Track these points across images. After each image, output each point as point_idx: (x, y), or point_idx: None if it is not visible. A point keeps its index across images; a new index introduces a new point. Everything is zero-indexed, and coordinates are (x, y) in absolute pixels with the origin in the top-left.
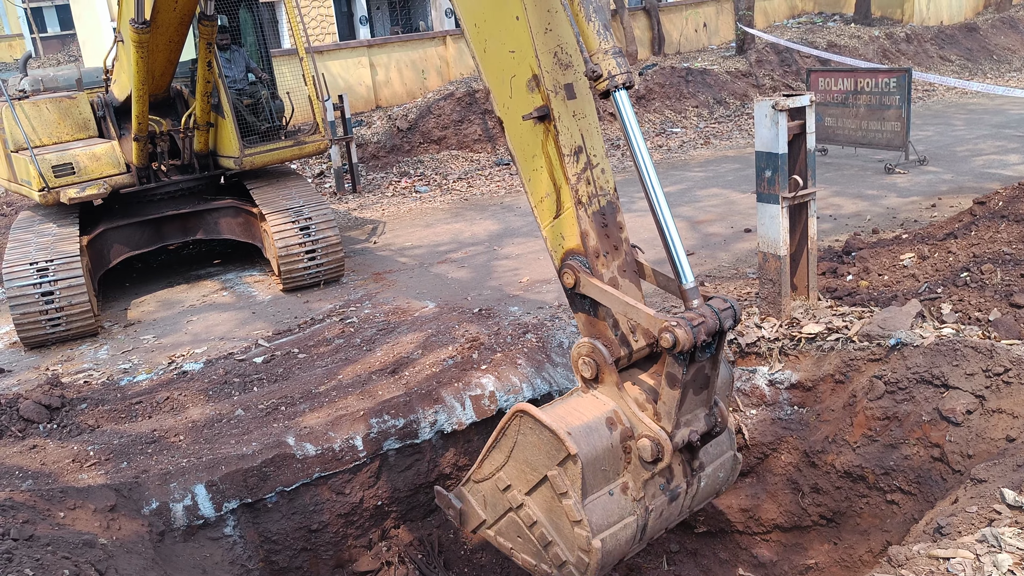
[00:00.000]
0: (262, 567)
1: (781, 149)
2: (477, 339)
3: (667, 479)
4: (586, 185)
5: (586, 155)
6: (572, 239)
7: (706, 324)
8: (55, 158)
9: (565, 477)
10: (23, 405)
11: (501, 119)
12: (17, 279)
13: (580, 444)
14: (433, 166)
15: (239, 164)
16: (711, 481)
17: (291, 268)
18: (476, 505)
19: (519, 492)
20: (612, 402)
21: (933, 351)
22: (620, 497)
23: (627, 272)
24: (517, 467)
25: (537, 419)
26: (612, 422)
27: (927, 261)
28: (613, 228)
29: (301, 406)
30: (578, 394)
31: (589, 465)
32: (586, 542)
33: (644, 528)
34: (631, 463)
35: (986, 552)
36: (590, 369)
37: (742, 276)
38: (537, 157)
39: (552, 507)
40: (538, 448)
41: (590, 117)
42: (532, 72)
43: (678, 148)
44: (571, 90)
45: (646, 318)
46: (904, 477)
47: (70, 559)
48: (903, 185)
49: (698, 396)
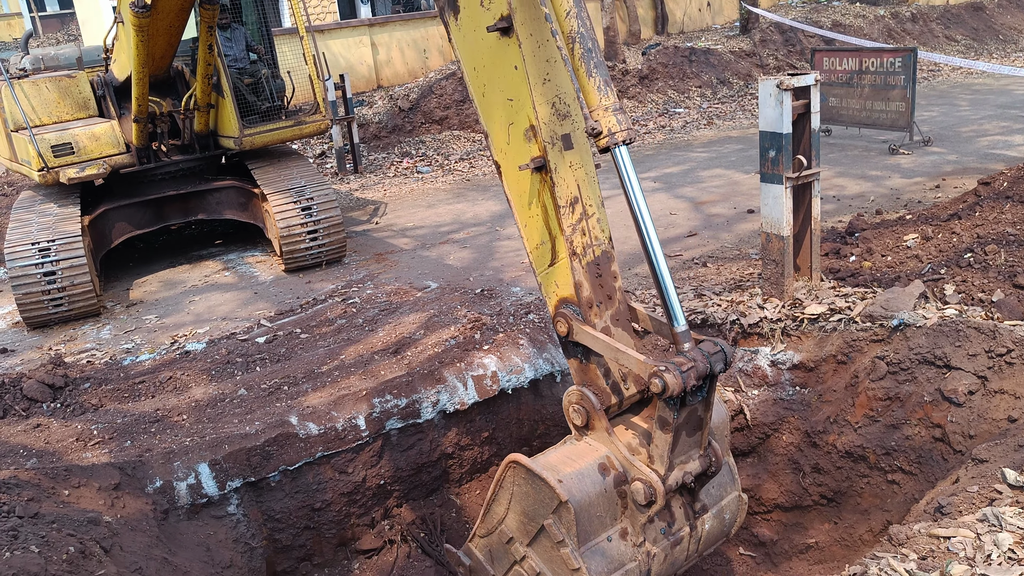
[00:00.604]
0: (265, 545)
1: (785, 129)
2: (479, 319)
3: (668, 523)
4: (581, 236)
5: (582, 205)
6: (566, 288)
7: (696, 369)
8: (54, 138)
9: (560, 525)
10: (27, 384)
11: (498, 163)
12: (19, 259)
13: (572, 491)
14: (435, 146)
15: (239, 144)
16: (717, 523)
17: (293, 248)
18: (484, 560)
19: (521, 545)
20: (604, 448)
21: (936, 332)
22: (619, 543)
23: (620, 321)
24: (517, 518)
25: (529, 469)
26: (605, 468)
27: (931, 242)
28: (607, 277)
29: (304, 386)
30: (571, 441)
31: (583, 511)
32: None
33: (648, 574)
34: (628, 508)
35: (987, 531)
36: (580, 417)
37: (744, 257)
38: (533, 205)
39: (552, 556)
40: (533, 498)
41: (587, 167)
42: (530, 122)
43: (681, 128)
44: (568, 140)
45: (636, 364)
46: (905, 457)
47: (75, 536)
48: (907, 166)
49: (691, 438)
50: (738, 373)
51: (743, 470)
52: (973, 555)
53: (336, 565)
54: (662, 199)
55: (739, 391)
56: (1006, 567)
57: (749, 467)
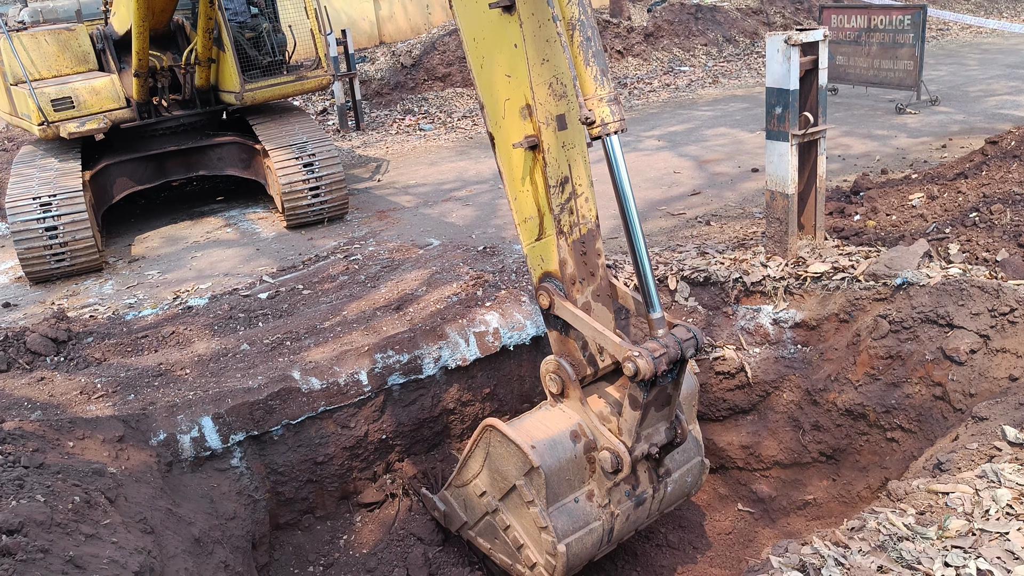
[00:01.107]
0: (268, 498)
1: (792, 85)
2: (481, 277)
3: (632, 485)
4: (568, 215)
5: (571, 185)
6: (551, 263)
7: (668, 354)
8: (54, 92)
9: (531, 487)
10: (30, 338)
11: (492, 135)
12: (20, 214)
13: (544, 457)
14: (438, 104)
15: (240, 99)
16: (679, 486)
17: (295, 205)
18: (458, 508)
19: (493, 498)
20: (577, 416)
21: (939, 291)
22: (585, 504)
23: (600, 296)
24: (490, 476)
25: (504, 433)
26: (576, 435)
27: (936, 201)
28: (591, 255)
29: (306, 341)
30: (546, 407)
31: (553, 476)
32: (552, 547)
33: (611, 531)
34: (595, 472)
35: (985, 487)
36: (556, 385)
37: (748, 216)
38: (525, 181)
39: (522, 513)
40: (507, 460)
41: (579, 147)
42: (526, 101)
43: (686, 87)
44: (562, 121)
45: (612, 346)
46: (905, 415)
47: (80, 486)
48: (914, 125)
49: (660, 412)
50: (740, 331)
51: (743, 427)
52: (971, 510)
53: (338, 518)
54: (666, 157)
55: (740, 349)
56: (1004, 522)
57: (749, 425)
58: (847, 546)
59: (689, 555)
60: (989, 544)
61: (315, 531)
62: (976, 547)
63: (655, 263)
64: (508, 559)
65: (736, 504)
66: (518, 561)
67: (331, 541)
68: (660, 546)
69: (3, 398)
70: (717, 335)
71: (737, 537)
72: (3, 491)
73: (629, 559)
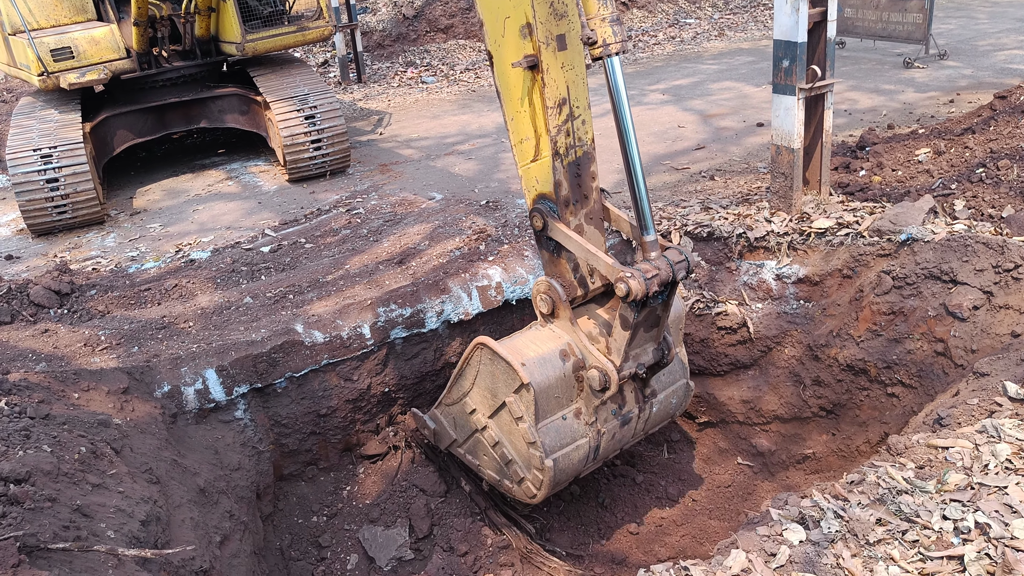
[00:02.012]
0: (272, 449)
1: (800, 37)
2: (484, 231)
3: (619, 405)
4: (565, 137)
5: (569, 107)
6: (545, 184)
7: (659, 276)
8: (53, 42)
9: (520, 403)
10: (33, 290)
11: (491, 53)
12: (21, 165)
13: (534, 374)
14: (440, 56)
15: (241, 50)
16: (664, 407)
17: (297, 158)
18: (447, 426)
19: (483, 415)
20: (566, 335)
21: (943, 247)
22: (573, 421)
23: (593, 219)
24: (480, 393)
25: (495, 351)
26: (565, 354)
27: (943, 156)
28: (586, 177)
29: (309, 295)
30: (536, 327)
31: (542, 393)
32: (540, 462)
33: (597, 449)
34: (583, 391)
35: (985, 442)
36: (547, 305)
37: (753, 170)
38: (522, 101)
39: (511, 429)
40: (497, 377)
41: (578, 68)
42: (526, 19)
43: (691, 40)
44: (563, 41)
45: (605, 267)
46: (906, 371)
47: (86, 437)
48: (921, 80)
49: (648, 333)
50: (742, 287)
51: (744, 382)
52: (970, 465)
53: (342, 469)
54: (671, 111)
55: (743, 304)
56: (1003, 476)
57: (750, 379)
58: (846, 499)
59: (688, 508)
60: (987, 498)
61: (319, 482)
62: (975, 501)
63: (659, 218)
64: (496, 475)
65: (736, 458)
66: (506, 476)
67: (334, 492)
68: (660, 499)
69: (8, 350)
70: (720, 290)
71: (736, 490)
72: (10, 441)
73: (629, 511)
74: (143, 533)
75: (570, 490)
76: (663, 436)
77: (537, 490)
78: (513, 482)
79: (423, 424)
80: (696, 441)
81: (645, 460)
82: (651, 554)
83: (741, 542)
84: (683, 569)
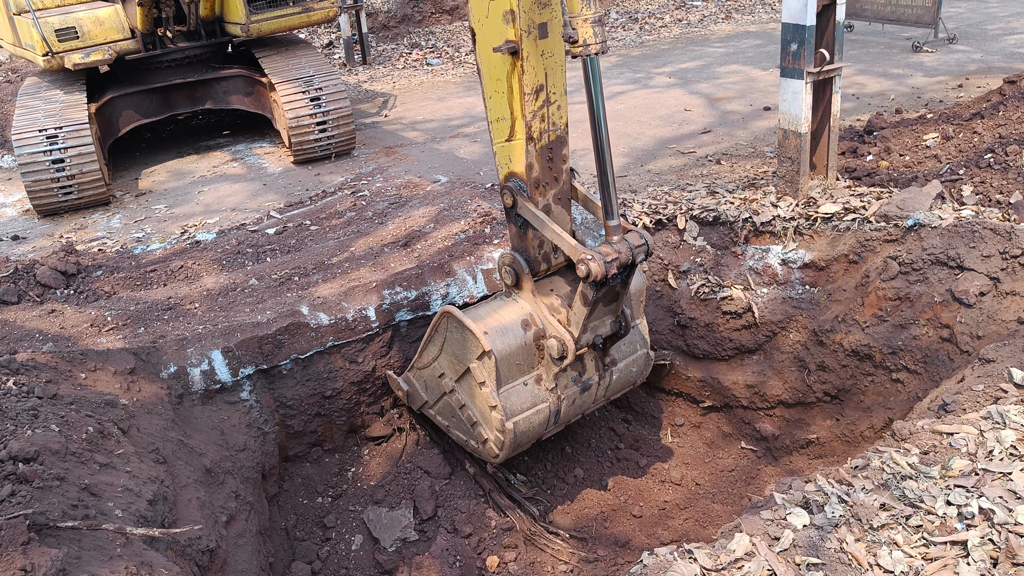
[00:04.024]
0: (278, 430)
1: (809, 20)
2: (489, 214)
3: (579, 372)
4: (540, 122)
5: (546, 93)
6: (517, 164)
7: (619, 260)
8: (58, 21)
9: (483, 369)
10: (40, 271)
11: (473, 32)
12: (27, 146)
13: (495, 342)
14: (445, 38)
15: (245, 31)
16: (624, 375)
17: (302, 140)
18: (419, 388)
19: (450, 380)
20: (528, 306)
21: (950, 232)
22: (534, 387)
23: (562, 199)
24: (448, 359)
25: (459, 320)
26: (527, 323)
27: (951, 142)
28: (557, 160)
29: (314, 277)
30: (501, 297)
31: (503, 360)
32: (501, 424)
33: (557, 413)
34: (544, 359)
35: (990, 428)
36: (511, 277)
37: (759, 155)
38: (500, 81)
39: (475, 393)
40: (462, 344)
41: (557, 55)
42: (510, 6)
43: (698, 22)
44: (544, 29)
45: (568, 248)
46: (911, 357)
47: (93, 417)
48: (930, 64)
49: (607, 307)
50: (748, 271)
51: (749, 367)
52: (975, 451)
53: (346, 451)
54: (677, 95)
55: (748, 289)
56: (1007, 463)
57: (754, 364)
58: (850, 484)
59: (692, 491)
60: (992, 484)
61: (323, 463)
62: (979, 487)
63: (664, 202)
64: (463, 435)
65: (739, 442)
66: (472, 437)
67: (339, 473)
68: (663, 482)
69: (15, 330)
70: (725, 275)
71: (740, 474)
72: (18, 421)
73: (632, 494)
74: (150, 512)
75: (574, 473)
76: (668, 420)
77: (499, 450)
78: (478, 443)
79: (397, 386)
80: (700, 425)
81: (649, 444)
82: (654, 537)
83: (745, 526)
84: (687, 552)
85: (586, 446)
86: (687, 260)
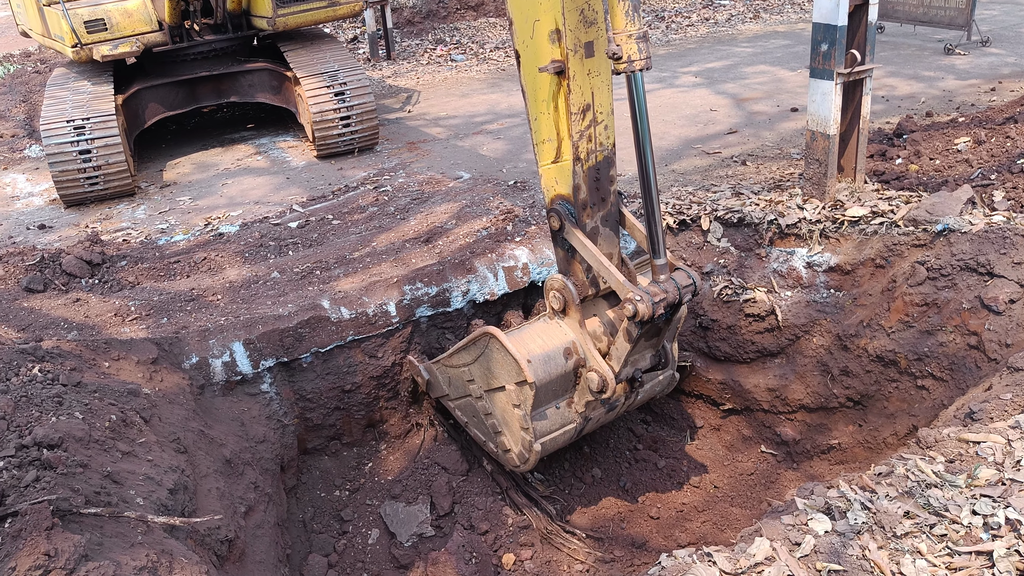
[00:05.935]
0: (297, 423)
1: (841, 21)
2: (511, 211)
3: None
4: (587, 142)
5: (593, 112)
6: (564, 186)
7: (666, 300)
8: (87, 13)
9: (521, 395)
10: (65, 260)
11: (518, 53)
12: (55, 136)
13: (537, 372)
14: (469, 34)
15: (272, 24)
16: (648, 393)
17: (325, 134)
18: (442, 382)
19: (479, 387)
20: (573, 334)
21: (981, 238)
22: (565, 410)
23: (609, 222)
24: (481, 370)
25: (503, 345)
26: (569, 352)
27: (983, 146)
28: (604, 181)
29: (336, 271)
30: (545, 319)
31: (543, 388)
32: (529, 445)
33: (581, 431)
34: (580, 384)
35: (1018, 438)
36: (559, 303)
37: (786, 156)
38: (547, 103)
39: (506, 410)
40: (501, 365)
41: (604, 75)
42: (556, 25)
43: (725, 22)
44: (591, 48)
45: (616, 284)
46: (937, 364)
47: (116, 406)
48: (962, 67)
49: (649, 342)
50: (772, 274)
51: (771, 370)
52: (1002, 460)
53: (364, 445)
54: (703, 95)
55: (772, 292)
56: None
57: (776, 368)
58: (874, 491)
59: (710, 494)
60: (1019, 494)
61: (341, 457)
62: (1005, 496)
63: (689, 203)
64: (483, 436)
65: (759, 446)
66: (492, 441)
67: (357, 467)
68: (682, 484)
69: (40, 318)
70: (748, 277)
71: (759, 478)
72: (43, 407)
73: (650, 496)
74: (171, 501)
75: (592, 473)
76: (687, 423)
77: (522, 464)
78: (499, 449)
79: (418, 372)
80: (720, 428)
81: (668, 445)
82: (672, 539)
83: (765, 530)
84: (706, 555)
85: (604, 446)
86: (710, 261)
